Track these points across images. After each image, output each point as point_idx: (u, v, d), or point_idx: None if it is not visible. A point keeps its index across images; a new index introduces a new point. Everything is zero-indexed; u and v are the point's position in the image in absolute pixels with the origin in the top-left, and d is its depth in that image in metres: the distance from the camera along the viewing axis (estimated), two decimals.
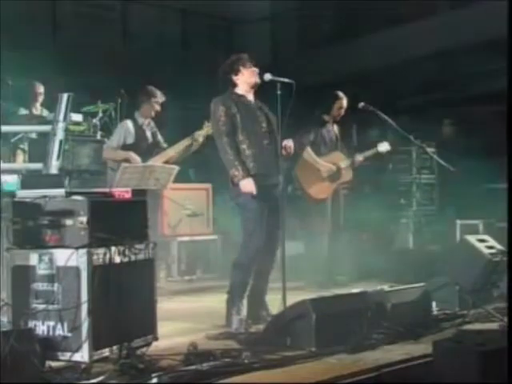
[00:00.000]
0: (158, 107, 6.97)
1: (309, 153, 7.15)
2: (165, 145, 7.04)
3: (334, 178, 7.24)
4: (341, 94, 7.29)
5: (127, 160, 6.67)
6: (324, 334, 4.28)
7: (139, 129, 6.94)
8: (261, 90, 5.39)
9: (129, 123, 6.94)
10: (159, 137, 7.10)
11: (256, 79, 5.34)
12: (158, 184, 6.60)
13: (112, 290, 3.92)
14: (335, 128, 7.45)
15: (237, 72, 5.35)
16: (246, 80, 5.35)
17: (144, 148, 6.91)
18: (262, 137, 5.28)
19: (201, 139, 6.81)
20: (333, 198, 7.26)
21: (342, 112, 7.33)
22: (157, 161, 6.78)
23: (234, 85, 5.37)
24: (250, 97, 5.40)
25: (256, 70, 5.35)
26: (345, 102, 7.28)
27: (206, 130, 6.76)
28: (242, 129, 5.22)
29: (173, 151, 6.88)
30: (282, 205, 5.16)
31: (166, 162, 6.79)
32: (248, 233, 5.20)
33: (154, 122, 7.10)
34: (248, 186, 5.13)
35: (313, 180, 7.16)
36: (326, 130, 7.33)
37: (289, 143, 5.29)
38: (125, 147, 6.83)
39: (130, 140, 6.88)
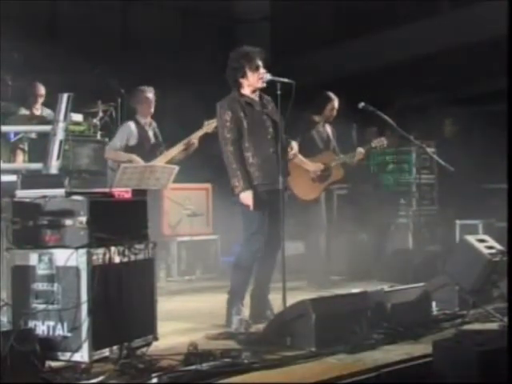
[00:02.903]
0: (152, 101, 6.96)
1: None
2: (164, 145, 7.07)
3: (324, 178, 7.19)
4: (332, 95, 7.28)
5: (130, 162, 6.68)
6: (324, 334, 4.28)
7: (142, 130, 6.95)
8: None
9: (131, 124, 6.95)
10: (160, 137, 7.12)
11: (261, 85, 5.25)
12: (159, 184, 6.61)
13: (112, 290, 3.93)
14: (327, 128, 7.42)
15: (243, 74, 5.23)
16: (250, 83, 5.26)
17: (147, 149, 6.93)
18: (267, 144, 5.21)
19: (196, 141, 6.83)
20: (326, 198, 7.24)
21: (334, 113, 7.31)
22: (160, 161, 6.79)
23: (240, 86, 5.27)
24: (255, 97, 5.32)
25: (263, 71, 5.23)
26: (336, 103, 7.27)
27: (206, 128, 6.77)
28: (249, 136, 5.17)
29: (175, 151, 6.89)
30: (283, 205, 5.16)
31: (169, 162, 6.80)
32: (249, 233, 5.20)
33: (156, 121, 7.12)
34: (247, 199, 5.12)
35: (301, 181, 7.10)
36: (316, 131, 7.30)
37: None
38: (128, 148, 6.85)
39: (133, 141, 6.90)
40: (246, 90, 5.29)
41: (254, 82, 5.25)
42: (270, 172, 5.16)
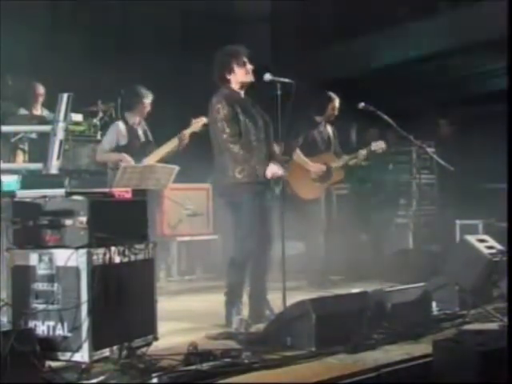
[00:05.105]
0: (149, 107, 6.99)
1: (298, 154, 7.16)
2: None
3: (325, 179, 7.23)
4: (333, 94, 7.32)
5: (120, 161, 6.68)
6: (324, 334, 4.28)
7: (131, 129, 6.96)
8: (258, 89, 5.36)
9: (120, 124, 6.95)
10: (150, 135, 7.11)
11: (250, 79, 5.29)
12: (159, 184, 6.61)
13: (112, 290, 3.93)
14: (328, 128, 7.46)
15: (230, 70, 5.27)
16: (238, 79, 5.29)
17: (137, 147, 6.93)
18: (261, 145, 5.23)
19: (187, 139, 6.83)
20: (326, 198, 7.27)
21: (336, 113, 7.36)
22: (151, 160, 6.80)
23: (228, 82, 5.29)
24: (243, 94, 5.35)
25: (250, 67, 5.27)
26: (337, 103, 7.32)
27: (194, 127, 6.79)
28: (244, 134, 5.18)
29: (165, 149, 6.89)
30: (282, 205, 5.16)
31: (160, 161, 6.80)
32: (243, 232, 5.19)
33: (149, 120, 7.11)
34: (277, 172, 5.09)
35: (303, 181, 7.15)
36: (318, 131, 7.34)
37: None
38: (118, 149, 6.85)
39: (123, 141, 6.90)
40: (235, 87, 5.31)
41: (241, 77, 5.27)
42: (262, 172, 5.16)
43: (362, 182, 8.70)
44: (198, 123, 6.77)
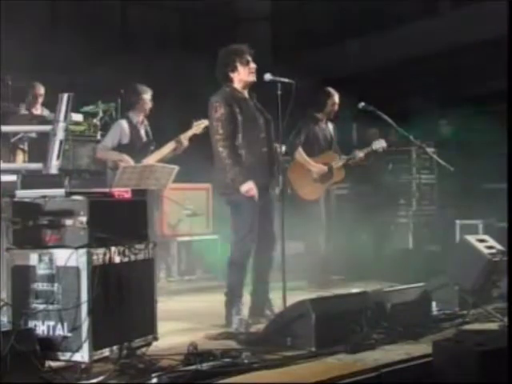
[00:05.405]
0: (150, 103, 6.97)
1: (300, 153, 7.14)
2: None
3: (326, 179, 7.22)
4: (332, 90, 7.30)
5: (120, 162, 6.67)
6: (324, 334, 4.29)
7: (134, 128, 6.93)
8: (259, 89, 5.36)
9: (123, 123, 6.92)
10: (151, 135, 7.11)
11: (252, 78, 5.28)
12: (158, 184, 6.60)
13: (112, 290, 3.93)
14: (329, 126, 7.45)
15: (233, 69, 5.26)
16: (242, 78, 5.28)
17: (139, 147, 6.92)
18: (260, 143, 5.22)
19: (186, 141, 6.83)
20: (326, 197, 7.27)
21: (336, 108, 7.33)
22: (152, 159, 6.80)
23: (231, 81, 5.30)
24: (246, 94, 5.34)
25: (254, 66, 5.27)
26: (337, 98, 7.29)
27: (195, 129, 6.78)
28: (243, 133, 5.17)
29: (167, 150, 6.89)
30: (282, 205, 5.16)
31: (161, 161, 6.80)
32: (242, 232, 5.19)
33: (150, 120, 7.11)
34: (251, 189, 5.09)
35: (304, 181, 7.15)
36: (319, 129, 7.32)
37: None
38: (120, 147, 6.83)
39: (125, 140, 6.88)
40: (238, 86, 5.30)
41: (244, 76, 5.27)
42: (262, 172, 5.18)
43: (362, 182, 8.70)
44: (199, 126, 6.76)
